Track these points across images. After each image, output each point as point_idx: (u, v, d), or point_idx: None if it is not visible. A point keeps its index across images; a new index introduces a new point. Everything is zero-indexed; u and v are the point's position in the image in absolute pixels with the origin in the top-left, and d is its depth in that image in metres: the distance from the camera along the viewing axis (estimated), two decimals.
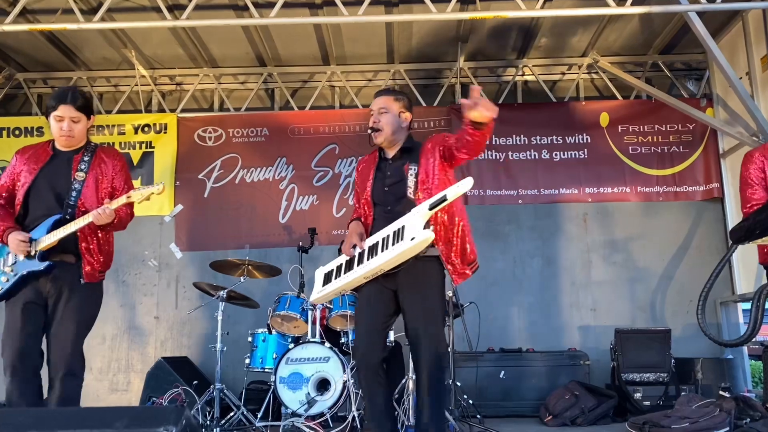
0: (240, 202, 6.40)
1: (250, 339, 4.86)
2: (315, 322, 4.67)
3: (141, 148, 6.51)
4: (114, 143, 6.48)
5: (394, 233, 2.82)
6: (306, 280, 5.06)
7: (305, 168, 6.43)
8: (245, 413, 4.51)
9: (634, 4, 4.81)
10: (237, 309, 5.30)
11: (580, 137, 6.41)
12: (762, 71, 5.39)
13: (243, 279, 4.85)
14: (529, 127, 6.43)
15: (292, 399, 4.43)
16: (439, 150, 3.01)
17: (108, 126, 6.55)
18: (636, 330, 5.47)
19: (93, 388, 6.03)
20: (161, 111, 6.70)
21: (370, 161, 3.25)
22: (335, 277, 3.04)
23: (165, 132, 6.54)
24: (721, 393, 4.29)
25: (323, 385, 4.48)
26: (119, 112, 6.70)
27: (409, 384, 4.19)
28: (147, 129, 6.55)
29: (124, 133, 6.54)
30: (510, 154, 6.39)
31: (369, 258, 2.88)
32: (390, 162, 3.16)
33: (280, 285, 5.33)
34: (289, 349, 4.55)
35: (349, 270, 2.95)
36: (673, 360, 5.19)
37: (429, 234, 2.69)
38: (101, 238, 3.17)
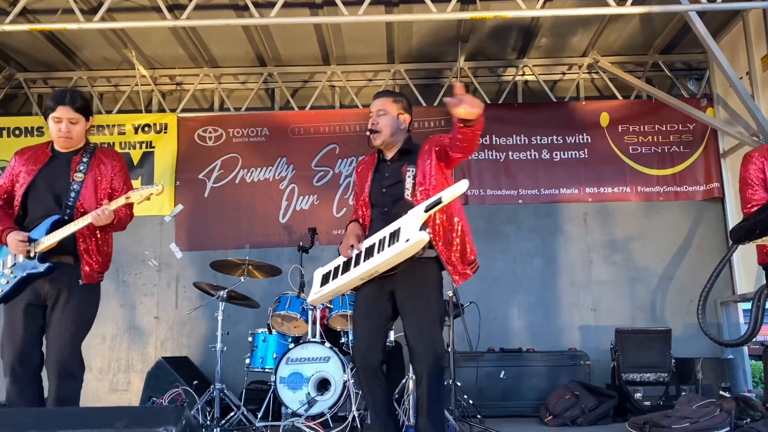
0: (240, 202, 6.40)
1: (250, 339, 4.86)
2: (315, 322, 4.67)
3: (141, 148, 6.51)
4: (114, 143, 6.49)
5: (390, 235, 2.81)
6: (306, 280, 5.06)
7: (305, 168, 6.43)
8: (245, 413, 4.51)
9: (634, 3, 4.80)
10: (237, 309, 5.30)
11: (580, 137, 6.41)
12: (762, 71, 5.39)
13: (243, 279, 4.85)
14: (530, 127, 6.43)
15: (292, 399, 4.43)
16: (435, 151, 3.00)
17: (108, 126, 6.55)
18: (636, 330, 5.47)
19: (93, 388, 6.03)
20: (161, 111, 6.70)
21: (369, 162, 3.24)
22: (332, 278, 3.03)
23: (165, 132, 6.54)
24: (722, 393, 4.29)
25: (323, 385, 4.47)
26: (119, 112, 6.70)
27: (409, 384, 4.19)
28: (147, 129, 6.55)
29: (124, 133, 6.54)
30: (510, 153, 6.39)
31: (365, 259, 2.88)
32: (389, 163, 3.15)
33: (280, 285, 5.34)
34: (290, 349, 4.55)
35: (347, 271, 2.95)
36: (674, 360, 5.19)
37: (424, 236, 2.68)
38: (100, 238, 3.17)
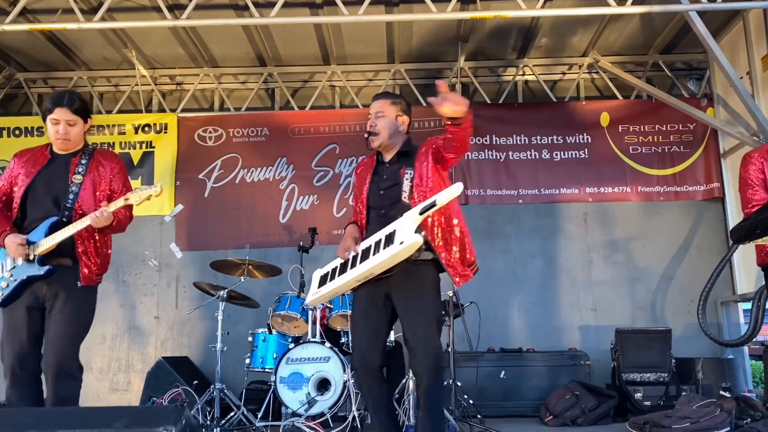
0: (240, 201, 6.40)
1: (250, 339, 4.86)
2: (315, 322, 4.67)
3: (141, 147, 6.51)
4: (114, 143, 6.49)
5: (385, 237, 2.81)
6: (306, 280, 5.04)
7: (305, 168, 6.43)
8: (245, 413, 4.51)
9: (634, 3, 4.80)
10: (237, 309, 5.29)
11: (580, 137, 6.41)
12: (762, 71, 5.39)
13: (243, 279, 4.85)
14: (530, 127, 6.43)
15: (292, 399, 4.43)
16: (432, 153, 2.99)
17: (108, 126, 6.55)
18: (636, 330, 5.47)
19: (93, 388, 6.03)
20: (161, 111, 6.70)
21: (368, 164, 3.24)
22: (330, 280, 3.04)
23: (165, 132, 6.54)
24: (722, 393, 4.29)
25: (323, 385, 4.48)
26: (119, 111, 6.70)
27: (409, 384, 4.19)
28: (147, 129, 6.55)
29: (124, 133, 6.54)
30: (510, 153, 6.39)
31: (362, 261, 2.88)
32: (387, 166, 3.14)
33: (280, 285, 5.34)
34: (290, 349, 4.55)
35: (344, 273, 2.95)
36: (674, 360, 5.19)
37: (417, 238, 2.68)
38: (98, 240, 3.16)
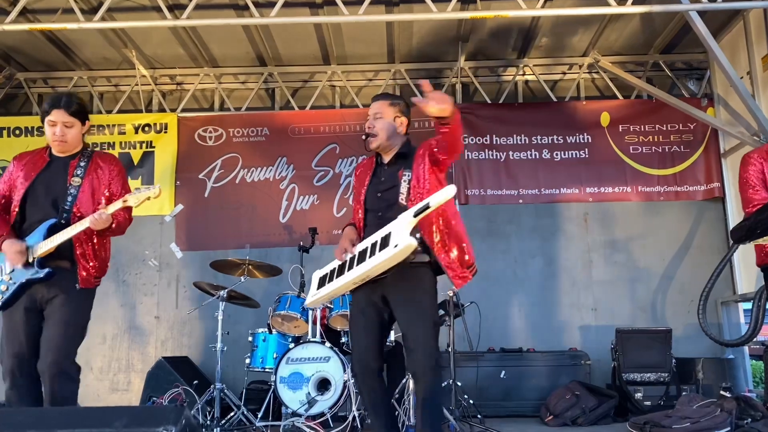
0: (240, 201, 6.40)
1: (250, 339, 4.86)
2: (315, 321, 4.67)
3: (141, 147, 6.51)
4: (114, 143, 6.49)
5: (381, 240, 2.81)
6: (306, 279, 5.04)
7: (306, 168, 6.43)
8: (245, 413, 4.51)
9: (634, 3, 4.80)
10: (237, 309, 5.29)
11: (580, 137, 6.41)
12: (763, 71, 5.38)
13: (243, 279, 4.85)
14: (530, 127, 6.43)
15: (292, 399, 4.43)
16: (428, 155, 2.98)
17: (108, 126, 6.55)
18: (637, 330, 5.47)
19: (93, 387, 6.03)
20: (161, 111, 6.69)
21: (367, 166, 3.23)
22: (328, 281, 3.04)
23: (165, 132, 6.54)
24: (722, 393, 4.29)
25: (323, 385, 4.48)
26: (119, 111, 6.70)
27: (409, 384, 4.18)
28: (147, 129, 6.55)
29: (124, 133, 6.54)
30: (511, 153, 6.39)
31: (358, 263, 2.88)
32: (386, 167, 3.12)
33: (280, 285, 5.34)
34: (290, 349, 4.55)
35: (341, 275, 2.95)
36: (674, 360, 5.19)
37: (412, 241, 2.67)
38: (96, 243, 3.16)
